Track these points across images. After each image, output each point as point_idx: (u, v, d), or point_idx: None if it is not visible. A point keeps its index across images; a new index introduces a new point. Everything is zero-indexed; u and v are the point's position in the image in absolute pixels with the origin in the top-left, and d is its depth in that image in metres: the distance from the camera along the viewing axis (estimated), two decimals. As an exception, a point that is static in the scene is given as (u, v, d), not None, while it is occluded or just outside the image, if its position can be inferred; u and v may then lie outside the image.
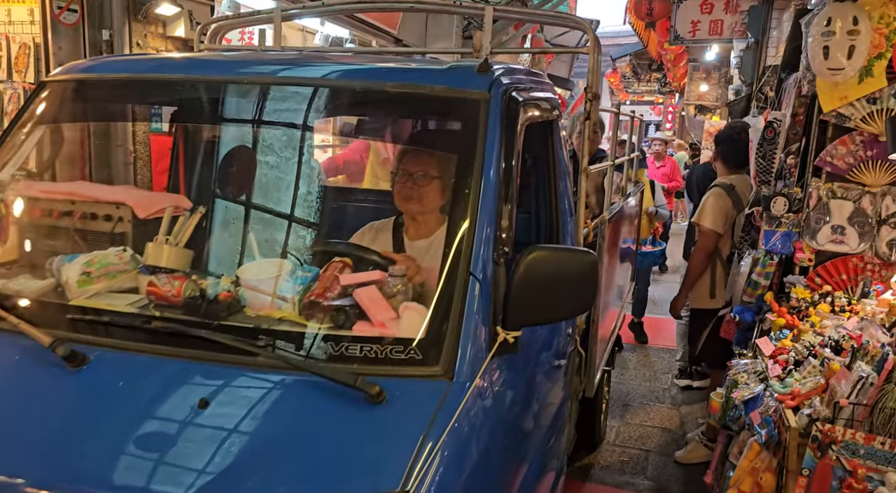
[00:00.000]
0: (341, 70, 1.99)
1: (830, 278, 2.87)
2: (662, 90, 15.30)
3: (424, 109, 2.08)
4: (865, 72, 2.71)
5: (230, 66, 2.06)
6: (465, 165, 1.66)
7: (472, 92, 1.73)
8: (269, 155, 2.07)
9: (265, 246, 1.89)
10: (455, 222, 1.61)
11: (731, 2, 6.92)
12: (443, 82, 1.81)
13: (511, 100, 1.78)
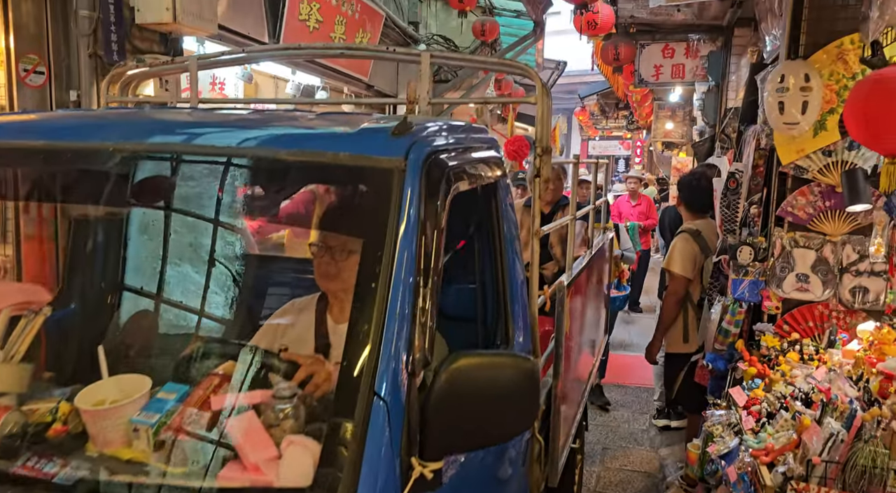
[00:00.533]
0: (227, 135, 1.66)
1: (798, 326, 2.92)
2: (630, 127, 15.66)
3: (326, 181, 1.77)
4: (819, 126, 2.81)
5: (88, 130, 1.69)
6: (371, 252, 1.36)
7: (383, 160, 1.45)
8: (124, 235, 1.78)
9: (126, 359, 1.54)
10: (356, 328, 1.30)
11: (690, 47, 7.16)
12: (349, 148, 1.50)
13: (435, 167, 1.50)
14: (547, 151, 2.06)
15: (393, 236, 1.34)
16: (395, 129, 1.51)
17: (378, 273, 1.31)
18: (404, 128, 1.51)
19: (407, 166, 1.43)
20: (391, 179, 1.41)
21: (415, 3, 9.35)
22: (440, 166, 1.53)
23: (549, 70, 14.68)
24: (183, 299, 1.76)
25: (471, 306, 2.02)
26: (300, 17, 5.83)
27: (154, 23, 3.73)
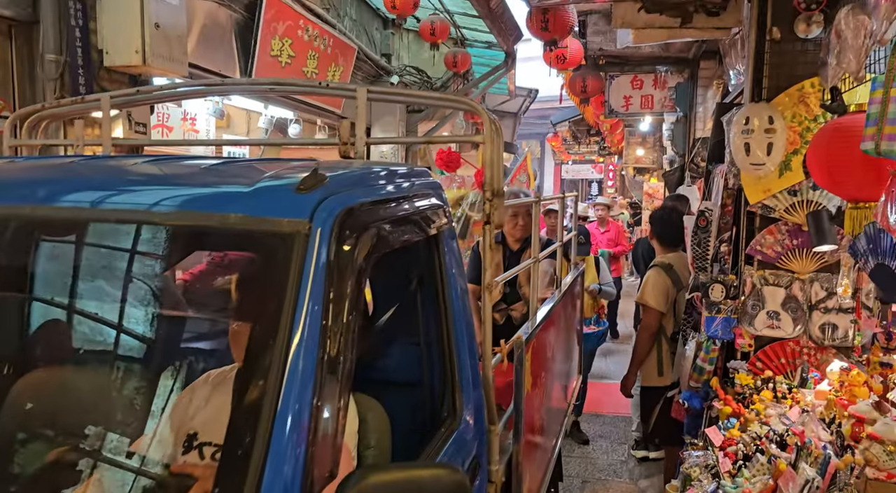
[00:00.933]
0: (96, 195, 1.37)
1: (770, 363, 2.95)
2: (602, 153, 15.90)
3: (213, 249, 1.51)
4: (784, 166, 2.87)
5: None
6: (259, 346, 1.11)
7: (282, 223, 1.20)
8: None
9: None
10: (236, 438, 1.04)
11: (658, 78, 7.33)
12: (242, 208, 1.24)
13: (350, 228, 1.26)
14: (498, 195, 1.82)
15: (287, 324, 1.07)
16: (301, 183, 1.26)
17: (268, 372, 1.04)
18: (313, 181, 1.26)
19: (311, 230, 1.19)
20: (290, 247, 1.16)
21: (387, 35, 9.43)
22: (358, 227, 1.29)
23: (522, 97, 14.90)
24: (45, 395, 1.37)
25: (415, 368, 1.81)
26: (272, 52, 5.83)
27: (123, 65, 3.70)
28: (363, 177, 1.51)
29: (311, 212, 1.22)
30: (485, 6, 7.13)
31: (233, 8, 5.30)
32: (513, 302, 3.78)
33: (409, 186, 1.68)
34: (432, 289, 1.74)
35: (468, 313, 1.86)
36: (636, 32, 3.73)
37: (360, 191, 1.40)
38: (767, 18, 2.91)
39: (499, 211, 1.84)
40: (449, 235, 1.82)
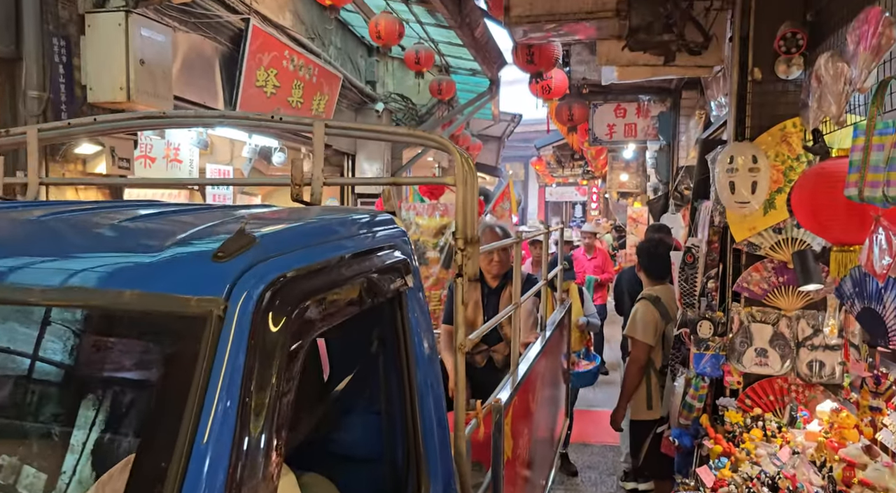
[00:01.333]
0: None
1: (759, 400, 2.95)
2: (586, 176, 16.03)
3: (101, 335, 1.25)
4: (769, 205, 2.90)
5: None
6: (155, 458, 0.87)
7: (189, 303, 0.95)
8: None
9: None
10: None
11: (641, 107, 7.42)
12: (140, 283, 0.99)
13: (282, 303, 1.01)
14: (472, 243, 1.58)
15: (187, 440, 0.85)
16: (220, 248, 1.01)
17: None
18: (236, 245, 1.01)
19: (227, 311, 0.94)
20: (198, 334, 0.92)
21: (372, 62, 9.49)
22: (293, 300, 1.04)
23: (506, 122, 15.04)
24: None
25: (376, 441, 1.62)
26: (257, 83, 5.84)
27: (107, 101, 3.67)
28: (307, 233, 1.24)
29: (227, 287, 0.96)
30: (469, 36, 7.21)
31: (218, 40, 5.31)
32: (494, 343, 3.49)
33: (368, 240, 1.43)
34: (394, 353, 1.53)
35: (436, 376, 1.63)
36: (620, 69, 3.78)
37: (301, 253, 1.13)
38: (749, 59, 2.96)
39: (473, 260, 1.60)
40: (413, 292, 1.57)
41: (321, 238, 1.26)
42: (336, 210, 1.61)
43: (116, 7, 3.54)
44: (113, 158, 3.74)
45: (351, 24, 8.55)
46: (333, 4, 5.33)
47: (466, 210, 1.60)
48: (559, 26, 3.38)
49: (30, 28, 3.39)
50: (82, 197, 3.79)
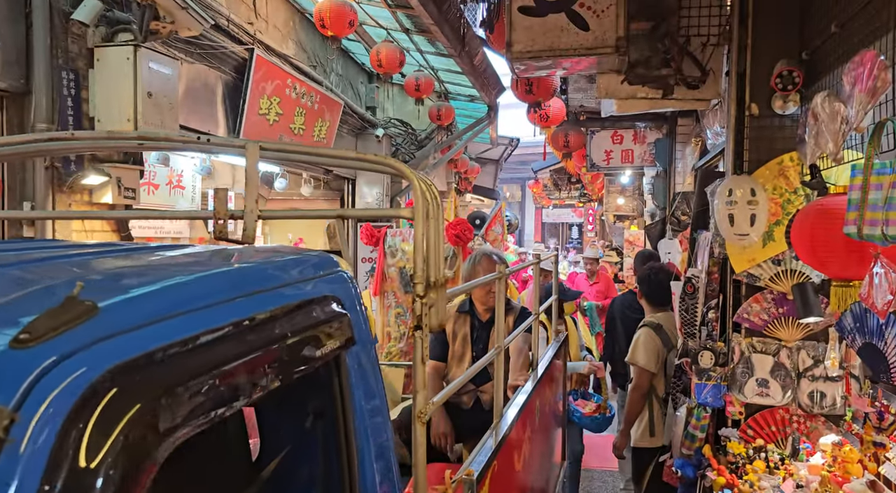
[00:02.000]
0: None
1: (761, 430, 2.97)
2: (582, 199, 16.13)
3: None
4: (768, 237, 2.95)
5: None
6: None
7: None
8: None
9: None
10: None
11: (638, 134, 7.52)
12: None
13: (108, 413, 0.66)
14: (437, 286, 1.27)
15: None
16: (26, 328, 0.68)
17: None
18: (53, 322, 0.69)
19: (14, 429, 0.61)
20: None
21: (372, 88, 9.61)
22: (126, 406, 0.68)
23: (503, 146, 15.17)
24: None
25: None
26: (260, 111, 5.91)
27: (114, 133, 3.71)
28: (188, 293, 0.90)
29: (22, 390, 0.63)
30: (468, 64, 7.33)
31: (222, 70, 5.39)
32: (482, 382, 3.16)
33: (290, 294, 1.11)
34: (331, 426, 1.26)
35: (385, 447, 1.38)
36: (620, 102, 3.86)
37: (168, 324, 0.80)
38: (746, 94, 3.03)
39: (438, 308, 1.28)
40: (357, 352, 1.29)
41: (210, 299, 0.90)
42: (261, 252, 1.32)
43: (125, 41, 3.61)
44: (119, 188, 3.78)
45: (352, 51, 8.67)
46: (335, 35, 5.42)
47: (429, 249, 1.25)
48: (560, 61, 3.46)
49: (39, 62, 3.45)
50: (88, 227, 3.83)
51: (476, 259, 3.38)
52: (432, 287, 1.27)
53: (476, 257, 3.39)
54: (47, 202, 3.53)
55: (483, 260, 3.33)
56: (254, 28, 5.73)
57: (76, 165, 3.63)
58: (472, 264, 3.37)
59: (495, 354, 2.36)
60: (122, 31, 3.65)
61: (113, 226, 4.00)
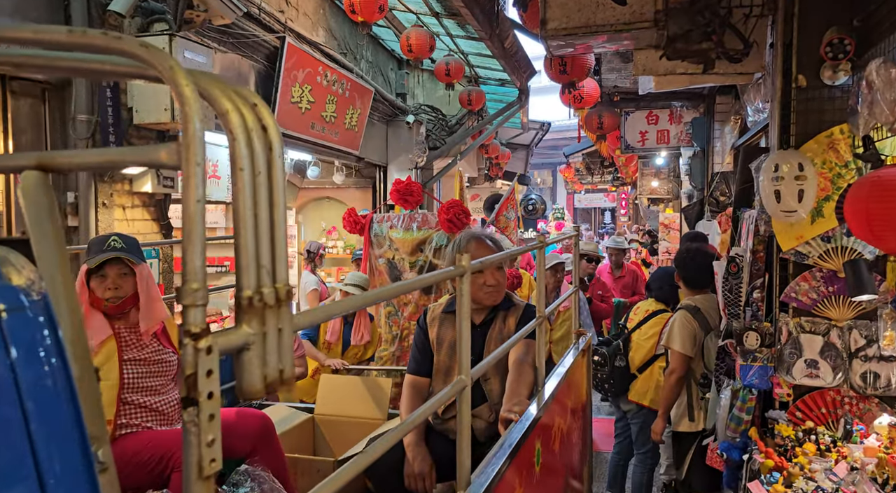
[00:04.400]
0: None
1: (811, 412, 2.89)
2: (615, 183, 15.90)
3: None
4: (816, 213, 2.85)
5: None
6: None
7: None
8: None
9: None
10: None
11: (674, 113, 7.35)
12: None
13: None
14: (283, 299, 0.70)
15: None
16: None
17: None
18: None
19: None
20: None
21: (402, 75, 9.57)
22: None
23: (534, 130, 15.02)
24: None
25: None
26: (292, 99, 5.93)
27: (152, 123, 3.77)
28: None
29: None
30: (499, 47, 7.24)
31: (254, 58, 5.41)
32: (476, 405, 2.40)
33: None
34: None
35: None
36: (658, 79, 3.76)
37: None
38: (793, 66, 2.92)
39: (280, 349, 0.71)
40: None
41: None
42: None
43: (160, 31, 3.64)
44: (158, 178, 3.83)
45: (381, 37, 8.65)
46: (365, 21, 5.40)
47: (244, 231, 0.68)
48: (596, 38, 3.38)
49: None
50: (130, 216, 3.89)
51: (460, 244, 2.54)
52: (281, 298, 0.70)
53: (460, 242, 2.55)
54: (90, 192, 3.60)
55: (472, 245, 2.52)
56: (285, 16, 5.74)
57: (116, 154, 3.69)
58: (455, 249, 2.52)
59: (491, 367, 1.84)
60: (157, 21, 3.68)
61: (153, 214, 4.06)
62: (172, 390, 2.40)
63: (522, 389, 2.30)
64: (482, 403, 2.44)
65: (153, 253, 4.05)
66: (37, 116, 3.54)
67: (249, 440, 2.36)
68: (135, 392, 2.29)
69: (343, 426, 3.29)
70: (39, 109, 3.55)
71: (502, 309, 2.54)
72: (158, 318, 2.38)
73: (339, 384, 3.46)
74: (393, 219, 4.30)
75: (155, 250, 4.06)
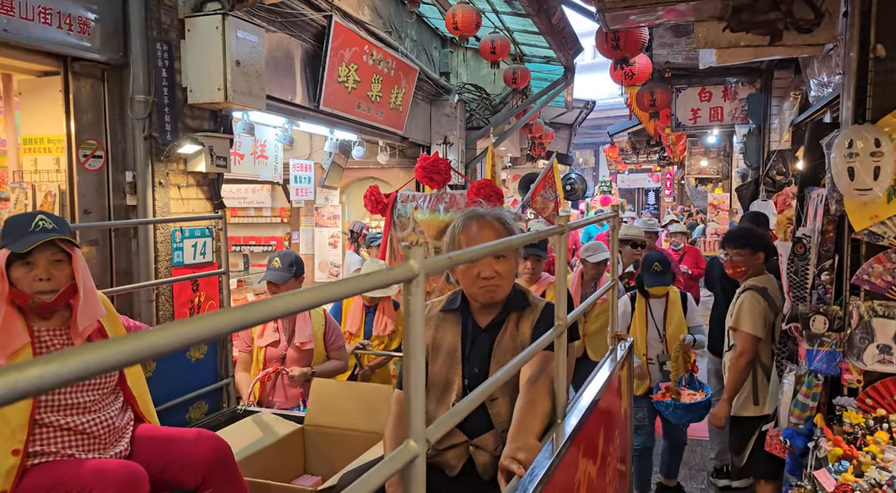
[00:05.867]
0: None
1: (882, 400, 2.77)
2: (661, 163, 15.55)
3: None
4: (893, 191, 2.70)
5: None
6: None
7: None
8: None
9: None
10: None
11: (728, 89, 7.11)
12: None
13: None
14: None
15: None
16: None
17: None
18: None
19: None
20: None
21: (445, 53, 9.48)
22: None
23: (578, 109, 14.75)
24: None
25: None
26: (339, 79, 5.93)
27: (206, 102, 3.80)
28: None
29: None
30: (546, 23, 7.08)
31: (302, 38, 5.41)
32: (478, 432, 1.93)
33: None
34: None
35: None
36: (720, 52, 3.61)
37: None
38: (871, 35, 2.76)
39: None
40: None
41: None
42: None
43: (214, 10, 3.66)
44: (211, 157, 3.88)
45: (426, 15, 8.56)
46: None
47: None
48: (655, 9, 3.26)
49: (136, 35, 3.55)
50: (184, 194, 3.96)
51: (457, 228, 2.03)
52: None
53: (457, 226, 2.03)
54: (147, 172, 3.66)
55: (472, 226, 2.00)
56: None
57: (172, 135, 3.74)
58: (451, 235, 2.04)
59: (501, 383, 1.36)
60: (211, 1, 3.70)
61: (207, 193, 4.12)
62: (108, 406, 1.96)
63: (533, 422, 1.70)
64: (487, 430, 1.92)
65: (206, 232, 4.11)
66: (96, 97, 3.60)
67: (200, 471, 1.99)
68: (54, 412, 1.84)
69: (338, 438, 2.87)
70: (99, 88, 3.62)
71: (514, 309, 2.01)
72: (97, 314, 1.93)
73: (334, 391, 3.00)
74: (418, 199, 3.92)
75: (208, 228, 4.13)
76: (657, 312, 4.29)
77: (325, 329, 3.49)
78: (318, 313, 3.50)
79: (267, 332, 3.42)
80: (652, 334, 4.30)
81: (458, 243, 2.00)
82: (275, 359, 3.41)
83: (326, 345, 3.49)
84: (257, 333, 3.44)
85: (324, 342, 3.48)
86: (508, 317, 2.01)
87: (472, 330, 2.02)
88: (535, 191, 5.40)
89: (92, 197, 3.59)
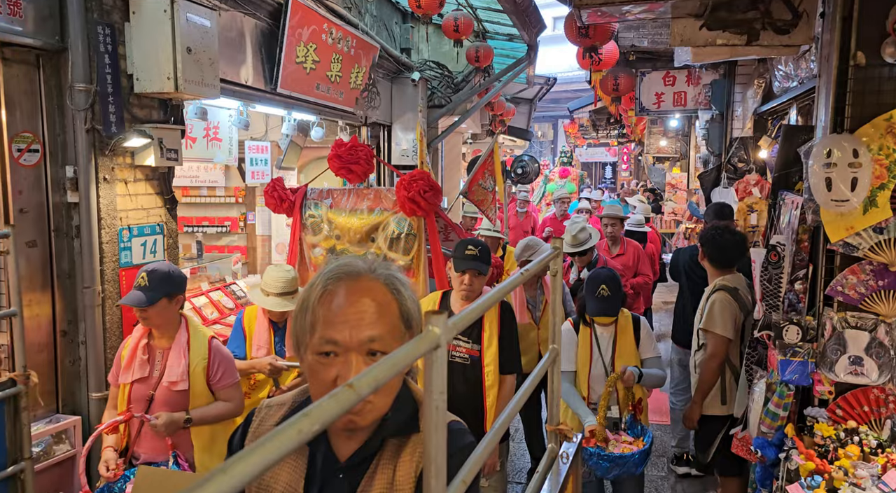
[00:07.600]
0: None
1: (852, 410, 2.78)
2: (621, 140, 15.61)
3: None
4: (870, 202, 2.68)
5: None
6: None
7: None
8: None
9: None
10: None
11: (692, 75, 7.07)
12: None
13: None
14: None
15: None
16: None
17: None
18: None
19: None
20: None
21: (406, 29, 9.18)
22: None
23: (538, 85, 14.61)
24: None
25: None
26: (297, 59, 5.63)
27: (155, 92, 3.51)
28: None
29: None
30: (510, 2, 6.88)
31: (257, 16, 5.10)
32: None
33: None
34: None
35: None
36: (696, 50, 3.52)
37: None
38: (851, 41, 2.70)
39: None
40: None
41: None
42: None
43: (161, -8, 3.36)
44: (161, 150, 3.61)
45: (386, -11, 8.24)
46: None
47: None
48: (631, 6, 3.13)
49: (74, 17, 3.22)
50: (131, 190, 3.69)
51: (314, 292, 1.19)
52: None
53: (314, 288, 1.20)
54: (90, 166, 3.38)
55: (337, 293, 1.17)
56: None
57: (117, 126, 3.45)
58: (304, 300, 1.22)
59: None
60: (157, -19, 3.39)
61: (157, 188, 3.85)
62: None
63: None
64: None
65: (157, 229, 3.86)
66: (31, 86, 3.28)
67: None
68: None
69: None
70: (34, 76, 3.29)
71: (393, 435, 1.23)
72: None
73: (159, 480, 2.17)
74: (335, 194, 3.27)
75: (159, 224, 3.88)
76: (604, 342, 3.41)
77: (209, 363, 2.84)
78: (202, 343, 2.84)
79: (135, 363, 2.77)
80: (597, 371, 3.38)
81: (313, 318, 1.18)
82: (141, 400, 2.76)
83: (210, 384, 2.85)
84: (125, 362, 2.80)
85: (206, 380, 2.84)
86: (383, 448, 1.22)
87: (322, 466, 1.23)
88: (473, 179, 4.75)
89: (28, 195, 3.30)
